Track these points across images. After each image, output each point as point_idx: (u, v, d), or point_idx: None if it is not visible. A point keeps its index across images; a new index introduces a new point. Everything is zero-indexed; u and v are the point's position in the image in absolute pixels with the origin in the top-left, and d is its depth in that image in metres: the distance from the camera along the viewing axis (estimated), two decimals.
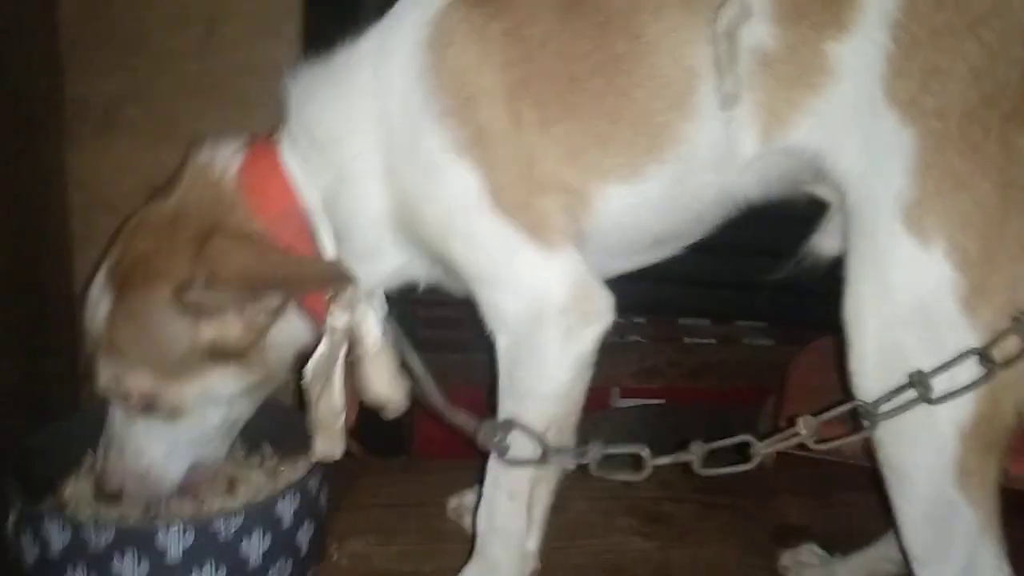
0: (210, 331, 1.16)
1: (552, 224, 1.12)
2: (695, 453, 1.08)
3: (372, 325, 1.20)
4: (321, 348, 1.20)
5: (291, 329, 1.24)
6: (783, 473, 1.86)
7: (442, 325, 1.99)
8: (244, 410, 1.31)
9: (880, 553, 1.37)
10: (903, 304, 0.99)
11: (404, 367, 1.25)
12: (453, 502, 1.60)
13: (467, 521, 1.56)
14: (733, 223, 1.27)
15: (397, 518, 1.59)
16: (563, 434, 1.19)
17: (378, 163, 1.16)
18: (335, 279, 1.18)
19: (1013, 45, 0.95)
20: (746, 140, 1.09)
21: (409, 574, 1.43)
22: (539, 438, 1.13)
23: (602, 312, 1.14)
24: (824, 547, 1.50)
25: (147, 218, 1.21)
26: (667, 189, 1.14)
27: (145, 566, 1.16)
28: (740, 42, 1.01)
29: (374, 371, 1.21)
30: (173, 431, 1.24)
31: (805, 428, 1.03)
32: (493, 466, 1.20)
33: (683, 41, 1.06)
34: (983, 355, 0.95)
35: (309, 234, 1.19)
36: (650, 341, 2.28)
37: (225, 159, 1.21)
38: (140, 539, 1.16)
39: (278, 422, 1.51)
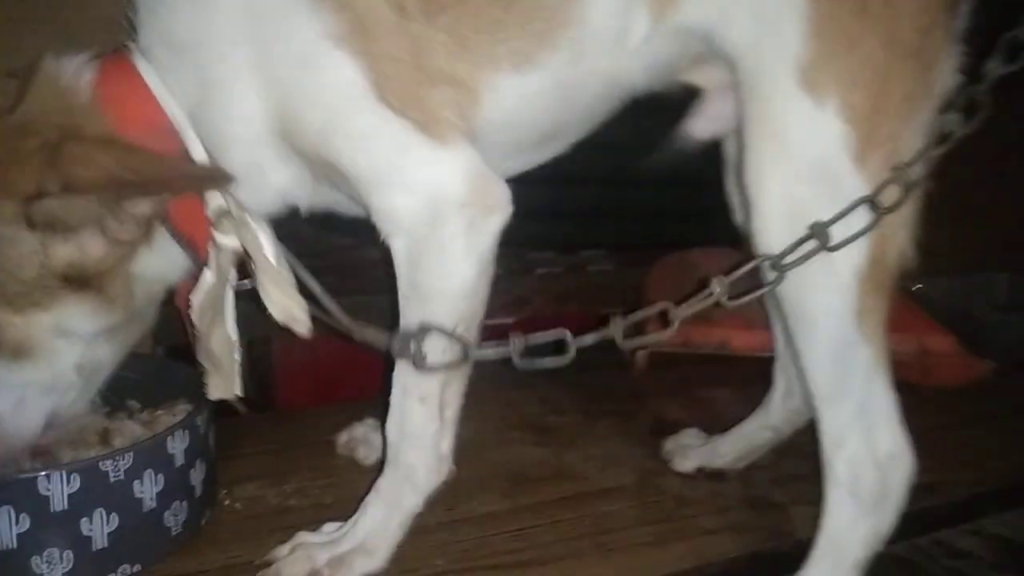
0: (65, 251, 1.05)
1: (443, 118, 1.08)
2: (616, 327, 1.10)
3: (264, 240, 1.10)
4: (207, 275, 1.12)
5: (160, 258, 1.14)
6: (651, 377, 1.98)
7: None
8: (106, 355, 1.19)
9: (757, 423, 1.49)
10: (802, 161, 1.05)
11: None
12: (343, 436, 1.56)
13: (360, 453, 1.53)
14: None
15: (285, 461, 1.52)
16: (470, 334, 1.15)
17: (246, 62, 1.07)
18: (213, 177, 1.08)
19: None
20: (638, 20, 1.11)
21: (310, 507, 1.37)
22: (457, 338, 1.10)
23: (502, 204, 1.11)
24: None
25: None
26: (559, 77, 1.14)
27: (26, 521, 1.04)
28: None
29: (275, 289, 1.11)
30: (20, 374, 1.12)
31: (719, 286, 1.07)
32: (400, 373, 1.16)
33: None
34: (872, 202, 1.03)
35: (179, 151, 1.09)
36: (508, 273, 2.32)
37: (75, 71, 1.08)
38: (17, 491, 1.05)
39: (142, 374, 1.40)
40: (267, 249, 1.10)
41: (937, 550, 1.38)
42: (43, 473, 1.05)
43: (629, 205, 2.52)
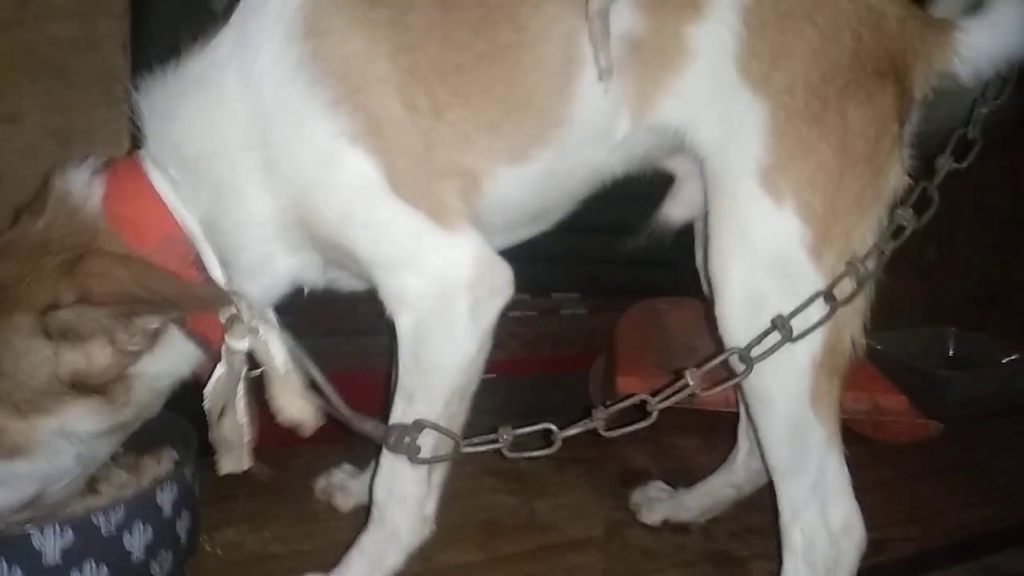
0: (74, 359, 1.08)
1: (451, 207, 1.14)
2: (597, 418, 1.19)
3: (275, 347, 1.17)
4: (219, 371, 1.16)
5: (167, 359, 1.18)
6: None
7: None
8: (103, 450, 1.22)
9: (721, 480, 1.56)
10: (762, 255, 1.14)
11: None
12: (321, 482, 1.60)
13: (337, 500, 1.58)
14: None
15: (263, 505, 1.56)
16: (463, 404, 1.22)
17: (256, 167, 1.12)
18: (216, 301, 1.14)
19: (842, 32, 1.13)
20: (620, 120, 1.19)
21: (289, 555, 1.41)
22: (449, 434, 1.17)
23: (505, 285, 1.18)
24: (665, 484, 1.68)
25: (13, 241, 1.11)
26: (549, 169, 1.21)
27: (18, 573, 1.07)
28: (611, 24, 1.10)
29: (284, 393, 1.17)
30: (14, 468, 1.13)
31: (692, 379, 1.15)
32: None
33: (564, 32, 1.14)
34: (827, 295, 1.13)
35: (194, 260, 1.14)
36: None
37: (84, 186, 1.12)
38: (12, 544, 1.08)
39: None
40: (277, 358, 1.16)
41: None
42: (37, 528, 1.08)
43: (601, 251, 2.59)
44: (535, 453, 1.18)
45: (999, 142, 1.22)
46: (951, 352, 2.52)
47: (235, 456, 1.21)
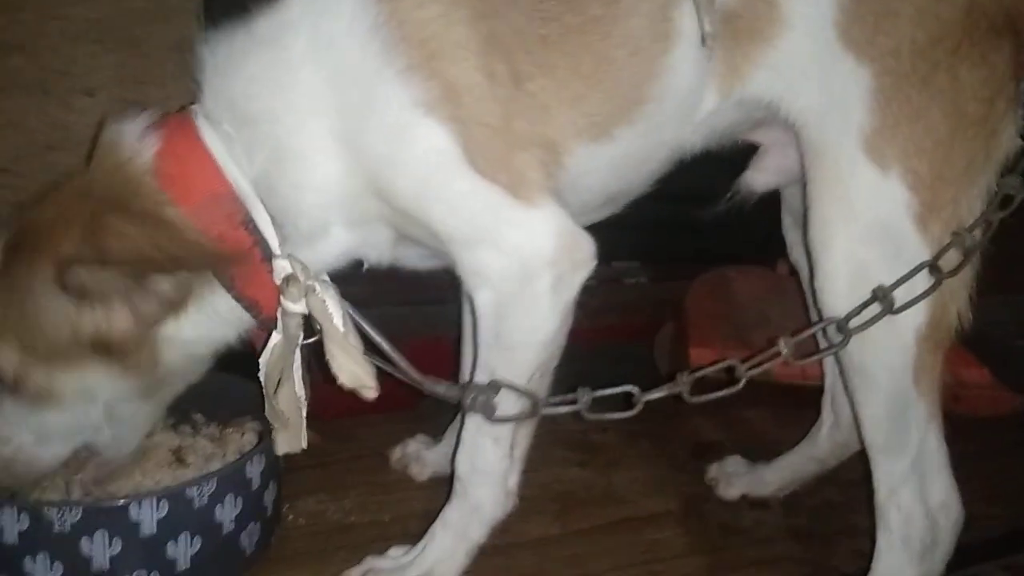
0: (95, 320, 1.05)
1: (531, 180, 1.10)
2: (682, 383, 1.15)
3: (332, 308, 1.11)
4: (275, 338, 1.13)
5: (202, 324, 1.14)
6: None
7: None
8: (140, 412, 1.21)
9: (803, 454, 1.53)
10: (866, 224, 1.10)
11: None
12: (397, 452, 1.61)
13: (413, 470, 1.58)
14: None
15: (341, 475, 1.57)
16: (545, 379, 1.20)
17: (327, 134, 1.08)
18: (227, 259, 1.08)
19: None
20: (707, 96, 1.16)
21: (369, 524, 1.43)
22: (527, 392, 1.14)
23: (588, 258, 1.14)
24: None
25: (60, 188, 1.09)
26: (629, 149, 1.18)
27: (118, 544, 1.10)
28: None
29: (343, 356, 1.11)
30: (42, 419, 1.13)
31: (785, 347, 1.12)
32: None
33: (656, 6, 1.10)
34: (933, 266, 1.08)
35: (242, 220, 1.09)
36: None
37: (135, 139, 1.09)
38: (111, 516, 1.10)
39: (204, 387, 1.45)
40: (335, 317, 1.11)
41: None
42: (134, 500, 1.11)
43: (664, 218, 2.54)
44: (615, 415, 1.15)
45: None
46: None
47: (292, 434, 1.19)
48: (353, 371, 1.11)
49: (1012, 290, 2.47)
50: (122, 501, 1.11)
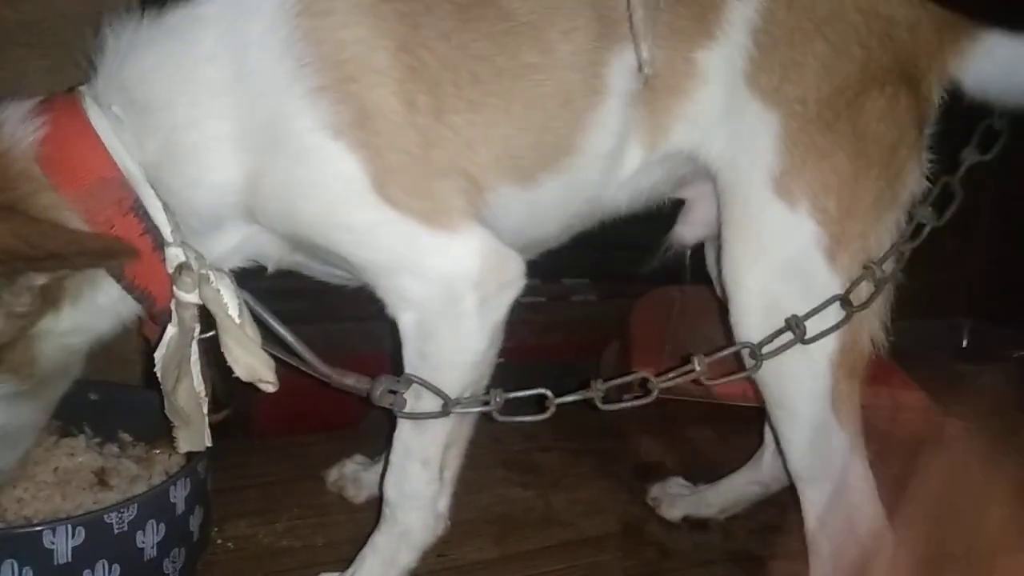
0: None
1: (452, 206, 1.07)
2: (596, 390, 1.14)
3: (227, 297, 1.06)
4: (170, 331, 1.08)
5: (84, 314, 1.09)
6: (631, 417, 2.01)
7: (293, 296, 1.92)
8: (22, 415, 1.13)
9: (746, 478, 1.54)
10: (777, 260, 1.13)
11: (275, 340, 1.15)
12: (333, 474, 1.57)
13: (350, 492, 1.55)
14: None
15: (274, 497, 1.53)
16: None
17: (226, 139, 1.03)
18: (116, 252, 1.03)
19: (851, 45, 1.12)
20: (633, 151, 1.18)
21: (302, 549, 1.39)
22: (439, 392, 1.11)
23: (516, 278, 1.12)
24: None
25: None
26: (554, 198, 1.17)
27: (29, 573, 1.04)
28: (644, 21, 1.08)
29: (238, 348, 1.06)
30: None
31: (699, 365, 1.13)
32: (402, 435, 1.18)
33: (590, 62, 1.11)
34: (843, 300, 1.12)
35: (132, 206, 1.03)
36: None
37: (19, 121, 1.03)
38: (23, 543, 1.04)
39: (131, 405, 1.41)
40: (230, 307, 1.06)
41: None
42: (48, 526, 1.05)
43: (613, 236, 2.55)
44: (527, 418, 1.14)
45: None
46: (965, 344, 2.49)
47: (195, 432, 1.13)
48: (249, 363, 1.07)
49: (949, 315, 2.55)
50: (35, 527, 1.05)
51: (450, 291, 1.08)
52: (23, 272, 0.99)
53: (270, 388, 1.10)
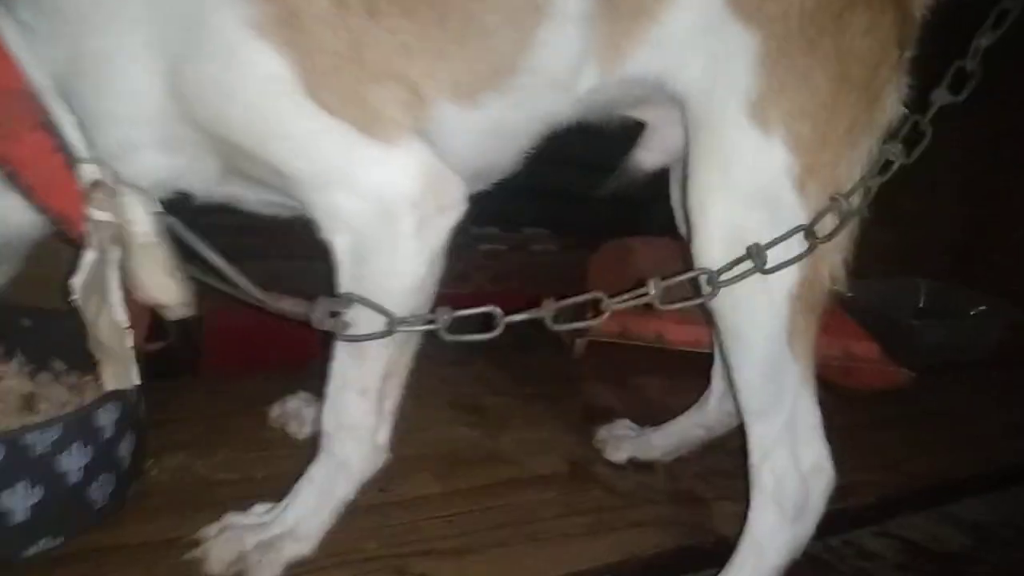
0: None
1: (389, 117, 1.01)
2: (547, 310, 1.10)
3: (139, 215, 1.00)
4: (87, 256, 1.01)
5: None
6: (586, 363, 2.01)
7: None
8: None
9: (691, 421, 1.53)
10: (745, 189, 1.08)
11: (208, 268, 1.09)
12: (275, 410, 1.54)
13: (292, 427, 1.52)
14: None
15: (215, 431, 1.49)
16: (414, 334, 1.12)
17: (143, 43, 0.97)
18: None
19: None
20: (586, 74, 1.11)
21: (239, 481, 1.35)
22: (381, 310, 1.05)
23: (456, 201, 1.07)
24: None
25: None
26: (498, 121, 1.11)
27: None
28: None
29: (145, 267, 1.02)
30: None
31: (654, 288, 1.08)
32: (340, 364, 1.14)
33: None
34: (808, 231, 1.08)
35: (41, 121, 0.97)
36: (450, 248, 2.30)
37: None
38: None
39: (67, 334, 1.35)
40: (138, 223, 1.01)
41: (847, 550, 1.46)
42: None
43: (574, 187, 2.52)
44: (476, 336, 1.07)
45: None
46: (922, 303, 2.51)
47: (120, 368, 1.08)
48: (155, 287, 1.03)
49: (908, 273, 2.56)
50: None
51: (386, 209, 1.03)
52: None
53: (172, 316, 1.05)
